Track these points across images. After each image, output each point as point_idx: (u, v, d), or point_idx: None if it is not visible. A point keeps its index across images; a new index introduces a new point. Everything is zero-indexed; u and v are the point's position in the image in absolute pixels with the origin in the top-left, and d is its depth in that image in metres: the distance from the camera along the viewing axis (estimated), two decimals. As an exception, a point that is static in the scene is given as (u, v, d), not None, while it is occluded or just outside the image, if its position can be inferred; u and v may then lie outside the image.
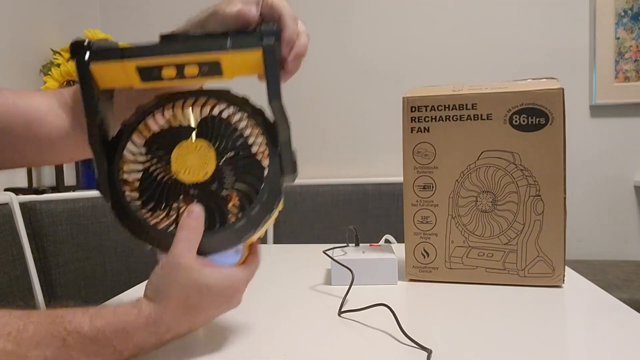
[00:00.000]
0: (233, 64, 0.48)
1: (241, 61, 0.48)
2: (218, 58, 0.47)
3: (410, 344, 0.49)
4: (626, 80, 1.70)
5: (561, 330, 0.54)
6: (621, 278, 1.38)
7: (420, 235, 0.73)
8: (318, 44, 1.82)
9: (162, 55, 0.48)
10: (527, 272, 0.68)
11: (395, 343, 0.50)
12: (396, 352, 0.48)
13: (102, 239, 1.34)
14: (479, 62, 1.75)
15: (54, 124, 0.55)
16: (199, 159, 0.47)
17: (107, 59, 0.48)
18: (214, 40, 0.47)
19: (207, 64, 0.48)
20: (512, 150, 0.68)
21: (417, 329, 0.51)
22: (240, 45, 0.47)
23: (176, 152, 0.48)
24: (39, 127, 0.54)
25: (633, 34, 1.69)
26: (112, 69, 0.48)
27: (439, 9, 1.77)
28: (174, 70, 0.48)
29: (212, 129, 0.48)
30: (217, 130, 0.48)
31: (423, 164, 0.72)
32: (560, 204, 0.67)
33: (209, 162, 0.47)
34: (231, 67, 0.48)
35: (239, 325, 0.55)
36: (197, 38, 0.49)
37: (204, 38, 0.48)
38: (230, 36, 0.47)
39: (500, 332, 0.53)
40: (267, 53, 0.46)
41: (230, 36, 0.47)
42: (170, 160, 0.48)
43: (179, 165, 0.48)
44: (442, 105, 0.70)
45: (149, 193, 0.48)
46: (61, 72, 1.44)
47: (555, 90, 0.66)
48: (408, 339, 0.49)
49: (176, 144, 0.48)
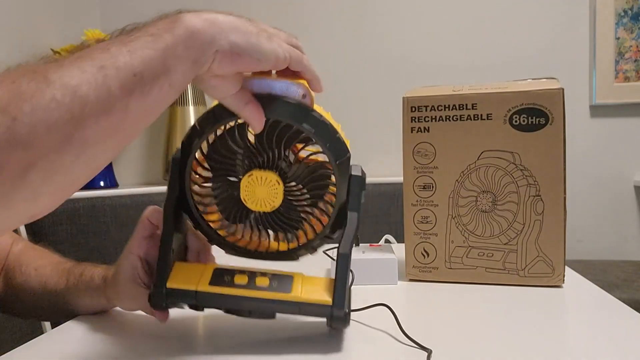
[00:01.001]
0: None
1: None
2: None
3: (410, 343, 0.49)
4: (626, 80, 1.70)
5: (561, 330, 0.54)
6: (621, 278, 1.38)
7: (420, 235, 0.73)
8: (318, 44, 1.82)
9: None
10: (527, 272, 0.68)
11: (395, 343, 0.50)
12: (396, 352, 0.48)
13: (102, 239, 1.34)
14: (479, 62, 1.75)
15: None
16: (267, 193, 0.49)
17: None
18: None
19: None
20: (512, 150, 0.68)
21: (417, 329, 0.51)
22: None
23: (246, 181, 0.49)
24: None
25: (633, 34, 1.69)
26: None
27: (438, 9, 1.77)
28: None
29: (287, 167, 0.49)
30: (295, 171, 0.49)
31: (423, 164, 0.72)
32: (560, 203, 0.67)
33: (277, 197, 0.49)
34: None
35: (237, 323, 0.55)
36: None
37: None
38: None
39: (500, 332, 0.53)
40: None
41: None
42: (240, 187, 0.49)
43: (248, 195, 0.49)
44: (442, 105, 0.70)
45: (225, 214, 0.52)
46: (61, 72, 1.44)
47: (555, 90, 0.66)
48: (408, 339, 0.49)
49: (245, 168, 0.49)
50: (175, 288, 0.48)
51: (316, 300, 0.48)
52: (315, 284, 0.50)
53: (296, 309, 0.48)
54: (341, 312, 0.47)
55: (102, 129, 0.35)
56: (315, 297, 0.48)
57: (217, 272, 0.50)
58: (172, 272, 0.49)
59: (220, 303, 0.49)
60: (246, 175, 0.48)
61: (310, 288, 0.49)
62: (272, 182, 0.48)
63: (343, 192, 0.49)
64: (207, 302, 0.49)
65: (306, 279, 0.50)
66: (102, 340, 0.53)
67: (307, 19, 1.83)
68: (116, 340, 0.53)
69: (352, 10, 1.81)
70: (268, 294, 0.48)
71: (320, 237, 0.52)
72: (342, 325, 0.48)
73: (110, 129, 0.36)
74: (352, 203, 0.49)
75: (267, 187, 0.48)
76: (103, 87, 0.34)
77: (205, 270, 0.50)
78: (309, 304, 0.48)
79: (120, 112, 0.36)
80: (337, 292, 0.47)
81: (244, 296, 0.48)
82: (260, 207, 0.49)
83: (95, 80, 0.34)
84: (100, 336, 0.54)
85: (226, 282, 0.49)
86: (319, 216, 0.51)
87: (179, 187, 0.50)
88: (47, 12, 1.61)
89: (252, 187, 0.48)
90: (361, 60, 1.81)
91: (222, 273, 0.50)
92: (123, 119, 0.36)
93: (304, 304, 0.48)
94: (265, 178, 0.48)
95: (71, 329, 0.57)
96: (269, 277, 0.49)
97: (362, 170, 0.51)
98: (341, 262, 0.48)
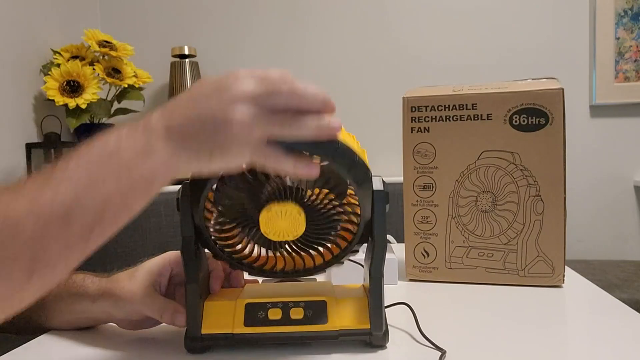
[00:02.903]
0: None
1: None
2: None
3: (424, 342, 0.49)
4: (626, 80, 1.70)
5: (561, 330, 0.54)
6: (621, 278, 1.38)
7: (420, 235, 0.73)
8: (317, 45, 1.82)
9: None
10: (527, 272, 0.68)
11: (404, 341, 0.50)
12: (409, 350, 0.48)
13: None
14: (479, 62, 1.75)
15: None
16: (289, 224, 0.46)
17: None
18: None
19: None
20: (512, 150, 0.68)
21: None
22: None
23: (265, 217, 0.46)
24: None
25: (633, 34, 1.69)
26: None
27: (438, 9, 1.77)
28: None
29: (305, 199, 0.47)
30: (313, 207, 0.47)
31: (423, 164, 0.72)
32: (560, 204, 0.67)
33: (299, 226, 0.46)
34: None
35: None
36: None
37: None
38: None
39: (500, 332, 0.53)
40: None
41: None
42: (259, 222, 0.46)
43: (269, 228, 0.46)
44: (442, 105, 0.70)
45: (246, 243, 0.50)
46: (61, 72, 1.44)
47: (555, 90, 0.66)
48: (425, 339, 0.50)
49: (262, 202, 0.46)
50: (210, 333, 0.47)
51: (354, 327, 0.47)
52: (350, 305, 0.49)
53: (335, 337, 0.47)
54: (379, 334, 0.47)
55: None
56: (352, 324, 0.47)
57: (249, 308, 0.48)
58: (204, 314, 0.48)
59: (258, 342, 0.48)
60: (264, 210, 0.46)
61: (346, 312, 0.48)
62: (292, 214, 0.45)
63: (367, 208, 0.48)
64: (245, 343, 0.48)
65: (340, 302, 0.49)
66: (87, 350, 0.52)
67: (307, 19, 1.83)
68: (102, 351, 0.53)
69: (352, 11, 1.81)
70: (305, 328, 0.47)
71: (346, 252, 0.51)
72: (381, 345, 0.48)
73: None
74: (377, 222, 0.48)
75: (288, 219, 0.45)
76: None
77: (236, 308, 0.48)
78: (348, 332, 0.47)
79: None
80: (373, 315, 0.47)
81: (281, 332, 0.47)
82: (283, 238, 0.47)
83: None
84: (84, 346, 0.53)
85: (260, 319, 0.47)
86: (344, 234, 0.50)
87: (194, 227, 0.48)
88: (47, 12, 1.61)
89: (273, 222, 0.46)
90: (361, 60, 1.81)
91: (255, 309, 0.48)
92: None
93: (343, 333, 0.47)
94: (286, 211, 0.45)
95: (50, 341, 0.54)
96: (302, 307, 0.48)
97: (383, 182, 0.49)
98: (374, 285, 0.48)
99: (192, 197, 0.47)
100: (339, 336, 0.47)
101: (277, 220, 0.45)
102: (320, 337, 0.47)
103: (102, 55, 1.51)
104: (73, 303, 0.54)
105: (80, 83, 1.46)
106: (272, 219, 0.45)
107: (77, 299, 0.53)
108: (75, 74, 1.45)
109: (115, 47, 1.51)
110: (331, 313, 0.48)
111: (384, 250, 0.48)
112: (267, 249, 0.50)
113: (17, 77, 1.48)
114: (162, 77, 1.78)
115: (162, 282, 0.52)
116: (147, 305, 0.50)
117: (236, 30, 1.84)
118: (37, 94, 1.54)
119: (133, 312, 0.52)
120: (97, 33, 1.53)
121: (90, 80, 1.46)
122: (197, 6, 1.83)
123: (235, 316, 0.48)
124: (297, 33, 1.83)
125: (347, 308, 0.48)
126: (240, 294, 0.51)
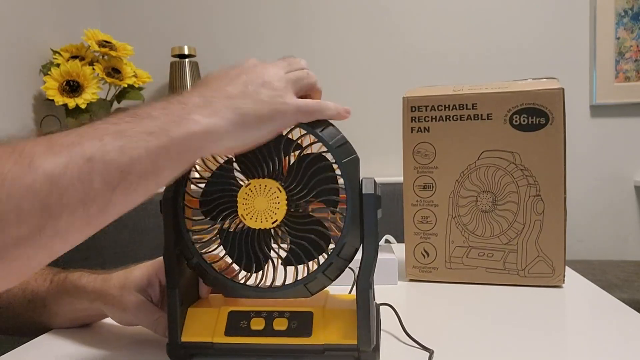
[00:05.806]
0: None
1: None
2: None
3: (411, 343, 0.49)
4: (626, 80, 1.70)
5: (561, 330, 0.54)
6: (621, 278, 1.38)
7: (420, 235, 0.73)
8: (317, 45, 1.82)
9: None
10: (527, 272, 0.68)
11: (396, 343, 0.50)
12: (397, 352, 0.48)
13: (102, 239, 1.34)
14: (479, 62, 1.75)
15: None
16: (268, 203, 0.44)
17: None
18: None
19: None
20: (512, 150, 0.68)
21: (417, 329, 0.51)
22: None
23: (244, 193, 0.44)
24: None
25: (633, 34, 1.69)
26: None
27: (438, 9, 1.77)
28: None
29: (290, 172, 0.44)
30: (297, 173, 0.44)
31: (423, 164, 0.72)
32: (561, 203, 0.67)
33: (279, 207, 0.44)
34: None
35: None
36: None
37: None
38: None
39: (501, 332, 0.53)
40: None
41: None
42: (237, 201, 0.44)
43: (247, 208, 0.44)
44: (442, 105, 0.70)
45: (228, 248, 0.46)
46: (61, 72, 1.44)
47: (555, 90, 0.66)
48: (410, 339, 0.49)
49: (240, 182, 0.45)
50: (190, 342, 0.46)
51: (340, 342, 0.44)
52: (338, 317, 0.45)
53: (320, 352, 0.44)
54: (367, 350, 0.43)
55: (77, 220, 0.34)
56: (339, 339, 0.44)
57: (232, 317, 0.46)
58: (185, 321, 0.46)
59: (238, 353, 0.46)
60: (243, 187, 0.44)
61: (333, 326, 0.44)
62: (272, 189, 0.43)
63: (354, 207, 0.43)
64: (225, 353, 0.46)
65: (327, 313, 0.45)
66: (85, 351, 0.52)
67: (307, 20, 1.83)
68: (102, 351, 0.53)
69: (353, 11, 1.81)
70: (288, 340, 0.44)
71: (333, 258, 0.44)
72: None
73: (86, 220, 0.34)
74: (367, 228, 0.43)
75: (267, 197, 0.44)
76: (86, 180, 0.33)
77: (219, 315, 0.46)
78: (334, 347, 0.44)
79: (99, 206, 0.34)
80: (361, 330, 0.43)
81: (262, 344, 0.44)
82: (261, 223, 0.44)
83: (79, 173, 0.33)
84: (83, 347, 0.53)
85: (242, 329, 0.45)
86: (330, 228, 0.45)
87: (174, 231, 0.46)
88: (47, 12, 1.61)
89: (251, 199, 0.44)
90: (361, 60, 1.81)
91: (238, 317, 0.46)
92: (102, 212, 0.35)
93: (329, 348, 0.44)
94: (265, 186, 0.44)
95: (51, 340, 0.54)
96: (287, 318, 0.45)
97: (375, 184, 0.44)
98: (361, 297, 0.43)
99: (173, 200, 0.46)
100: (325, 351, 0.44)
101: (255, 198, 0.44)
102: (304, 351, 0.44)
103: (101, 55, 1.51)
104: (73, 302, 0.55)
105: (80, 83, 1.46)
106: (250, 196, 0.44)
107: (76, 298, 0.54)
108: (75, 73, 1.45)
109: (115, 47, 1.51)
110: (317, 326, 0.44)
111: (374, 259, 0.44)
112: (247, 258, 0.46)
113: (17, 77, 1.47)
114: (161, 77, 1.78)
115: (153, 293, 0.52)
116: (141, 320, 0.51)
117: (236, 30, 1.84)
118: (36, 94, 1.54)
119: (127, 321, 0.53)
120: (97, 33, 1.53)
121: (90, 80, 1.46)
122: (197, 6, 1.83)
123: (217, 324, 0.46)
124: (297, 33, 1.83)
125: (336, 321, 0.45)
126: (227, 301, 0.48)
